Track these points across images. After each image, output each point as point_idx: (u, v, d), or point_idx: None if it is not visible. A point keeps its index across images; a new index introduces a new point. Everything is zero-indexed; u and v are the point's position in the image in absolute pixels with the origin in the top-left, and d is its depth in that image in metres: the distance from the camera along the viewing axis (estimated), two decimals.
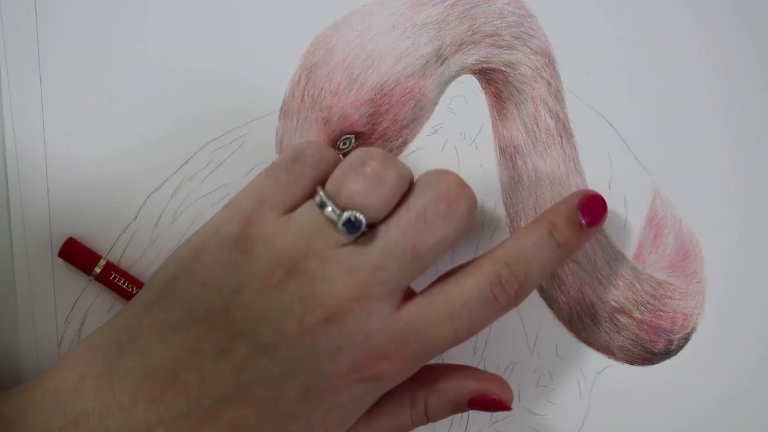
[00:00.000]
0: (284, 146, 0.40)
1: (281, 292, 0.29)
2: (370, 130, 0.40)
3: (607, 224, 0.40)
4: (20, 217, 0.43)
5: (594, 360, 0.41)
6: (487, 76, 0.40)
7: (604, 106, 0.41)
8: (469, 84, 0.41)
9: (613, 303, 0.40)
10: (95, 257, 0.41)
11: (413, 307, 0.30)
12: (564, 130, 0.40)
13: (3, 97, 0.43)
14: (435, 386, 0.34)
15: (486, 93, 0.41)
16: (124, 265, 0.42)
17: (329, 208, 0.29)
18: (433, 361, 0.32)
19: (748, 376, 0.41)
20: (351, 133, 0.40)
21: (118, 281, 0.40)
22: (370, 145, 0.40)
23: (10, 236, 0.43)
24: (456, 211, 0.30)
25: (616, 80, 0.41)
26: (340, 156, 0.33)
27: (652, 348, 0.41)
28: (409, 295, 0.31)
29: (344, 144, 0.40)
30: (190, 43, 0.42)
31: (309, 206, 0.30)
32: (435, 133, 0.41)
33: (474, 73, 0.40)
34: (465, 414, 0.41)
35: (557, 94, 0.40)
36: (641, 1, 0.40)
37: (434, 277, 0.32)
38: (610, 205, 0.39)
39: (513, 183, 0.41)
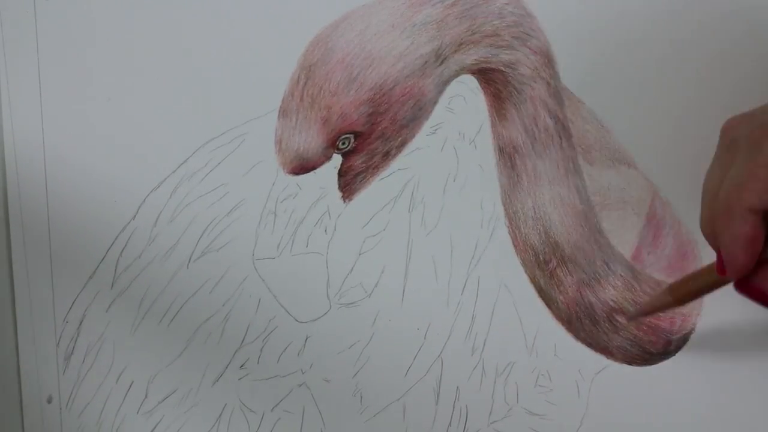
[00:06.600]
0: (283, 145, 0.40)
1: None
2: (369, 129, 0.40)
3: (606, 224, 0.40)
4: (19, 215, 0.43)
5: (592, 360, 0.41)
6: (486, 76, 0.40)
7: (604, 107, 0.41)
8: (469, 84, 0.41)
9: (611, 303, 0.40)
10: None
11: None
12: (563, 130, 0.40)
13: (2, 97, 0.43)
14: None
15: (485, 93, 0.41)
16: (123, 264, 0.42)
17: None
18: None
19: (746, 376, 0.41)
20: (350, 133, 0.40)
21: None
22: (369, 144, 0.40)
23: (8, 235, 0.43)
24: None
25: (615, 81, 0.41)
26: None
27: (650, 348, 0.41)
28: None
29: (343, 143, 0.40)
30: (189, 43, 0.42)
31: None
32: (434, 132, 0.41)
33: (473, 73, 0.40)
34: (464, 414, 0.41)
35: (556, 95, 0.40)
36: (641, 2, 0.40)
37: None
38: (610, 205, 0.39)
39: (512, 183, 0.40)
